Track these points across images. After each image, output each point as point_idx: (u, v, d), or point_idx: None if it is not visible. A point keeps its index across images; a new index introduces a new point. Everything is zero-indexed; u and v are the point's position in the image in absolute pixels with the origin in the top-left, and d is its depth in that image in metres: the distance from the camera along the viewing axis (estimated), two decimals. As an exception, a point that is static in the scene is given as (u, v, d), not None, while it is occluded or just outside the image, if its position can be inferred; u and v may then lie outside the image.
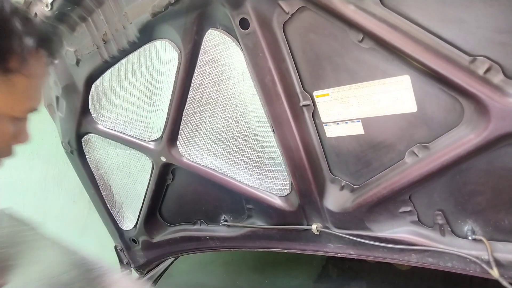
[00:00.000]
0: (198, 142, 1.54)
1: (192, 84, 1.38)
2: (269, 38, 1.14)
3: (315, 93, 1.18)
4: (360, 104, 1.12)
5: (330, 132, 1.23)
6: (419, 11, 0.92)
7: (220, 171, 1.55)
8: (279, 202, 1.46)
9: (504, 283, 1.02)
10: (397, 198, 1.19)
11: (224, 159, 1.51)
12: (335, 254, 1.43)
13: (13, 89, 0.78)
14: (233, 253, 3.06)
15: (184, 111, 1.47)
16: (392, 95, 1.05)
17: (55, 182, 2.72)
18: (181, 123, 1.52)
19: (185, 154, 1.60)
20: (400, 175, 1.13)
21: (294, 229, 1.49)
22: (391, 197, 1.18)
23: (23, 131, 0.88)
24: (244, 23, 1.13)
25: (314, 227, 1.39)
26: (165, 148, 1.60)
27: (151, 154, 1.68)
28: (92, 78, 1.61)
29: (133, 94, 1.57)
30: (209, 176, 1.57)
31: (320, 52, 1.10)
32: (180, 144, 1.59)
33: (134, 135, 1.68)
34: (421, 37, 0.93)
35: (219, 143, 1.48)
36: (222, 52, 1.26)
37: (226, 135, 1.44)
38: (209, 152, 1.54)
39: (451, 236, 1.15)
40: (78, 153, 1.87)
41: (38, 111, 0.87)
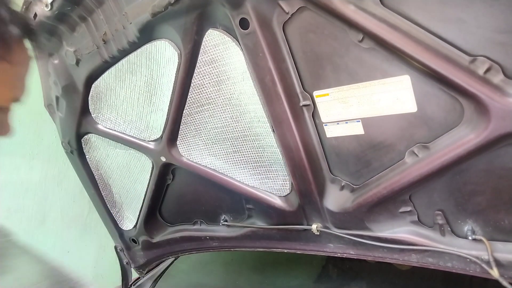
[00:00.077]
0: (198, 142, 1.54)
1: (192, 84, 1.38)
2: (269, 38, 1.13)
3: (315, 93, 1.18)
4: (360, 104, 1.12)
5: (330, 132, 1.23)
6: (419, 11, 0.92)
7: (220, 171, 1.55)
8: (279, 202, 1.46)
9: (504, 283, 1.02)
10: (397, 198, 1.19)
11: (224, 159, 1.51)
12: (335, 254, 1.43)
13: None
14: (233, 253, 3.07)
15: (184, 111, 1.47)
16: (392, 95, 1.05)
17: (55, 182, 2.72)
18: (181, 123, 1.52)
19: (185, 154, 1.60)
20: (400, 175, 1.13)
21: (294, 229, 1.49)
22: (391, 197, 1.18)
23: (5, 123, 0.85)
24: (244, 23, 1.13)
25: (314, 227, 1.39)
26: (165, 148, 1.60)
27: (151, 154, 1.68)
28: (92, 78, 1.61)
29: (133, 94, 1.57)
30: (209, 176, 1.57)
31: (320, 52, 1.10)
32: (180, 144, 1.59)
33: (134, 135, 1.68)
34: (421, 37, 0.93)
35: (219, 143, 1.48)
36: (222, 52, 1.26)
37: (226, 135, 1.44)
38: (209, 152, 1.54)
39: (451, 236, 1.15)
40: (78, 153, 1.87)
41: (21, 102, 0.85)
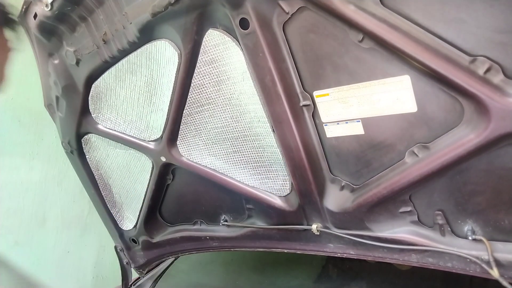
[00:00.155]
0: (198, 142, 1.54)
1: (192, 84, 1.38)
2: (269, 38, 1.13)
3: (315, 93, 1.18)
4: (360, 104, 1.12)
5: (330, 132, 1.23)
6: (419, 11, 0.92)
7: (220, 171, 1.55)
8: (279, 202, 1.46)
9: (504, 283, 1.02)
10: (397, 198, 1.19)
11: (224, 159, 1.51)
12: (335, 254, 1.43)
13: None
14: (233, 253, 3.07)
15: (184, 111, 1.47)
16: (392, 95, 1.05)
17: (55, 182, 2.72)
18: (181, 123, 1.52)
19: (185, 154, 1.60)
20: (400, 175, 1.13)
21: (294, 229, 1.49)
22: (391, 197, 1.18)
23: None
24: (244, 23, 1.13)
25: (314, 227, 1.39)
26: (165, 148, 1.60)
27: (151, 154, 1.68)
28: (92, 78, 1.61)
29: (133, 94, 1.57)
30: (209, 176, 1.57)
31: (320, 52, 1.10)
32: (180, 144, 1.59)
33: (134, 135, 1.68)
34: (421, 37, 0.93)
35: (219, 143, 1.48)
36: (222, 52, 1.26)
37: (226, 135, 1.44)
38: (209, 152, 1.54)
39: (451, 236, 1.15)
40: (78, 153, 1.87)
41: (1, 92, 0.84)
